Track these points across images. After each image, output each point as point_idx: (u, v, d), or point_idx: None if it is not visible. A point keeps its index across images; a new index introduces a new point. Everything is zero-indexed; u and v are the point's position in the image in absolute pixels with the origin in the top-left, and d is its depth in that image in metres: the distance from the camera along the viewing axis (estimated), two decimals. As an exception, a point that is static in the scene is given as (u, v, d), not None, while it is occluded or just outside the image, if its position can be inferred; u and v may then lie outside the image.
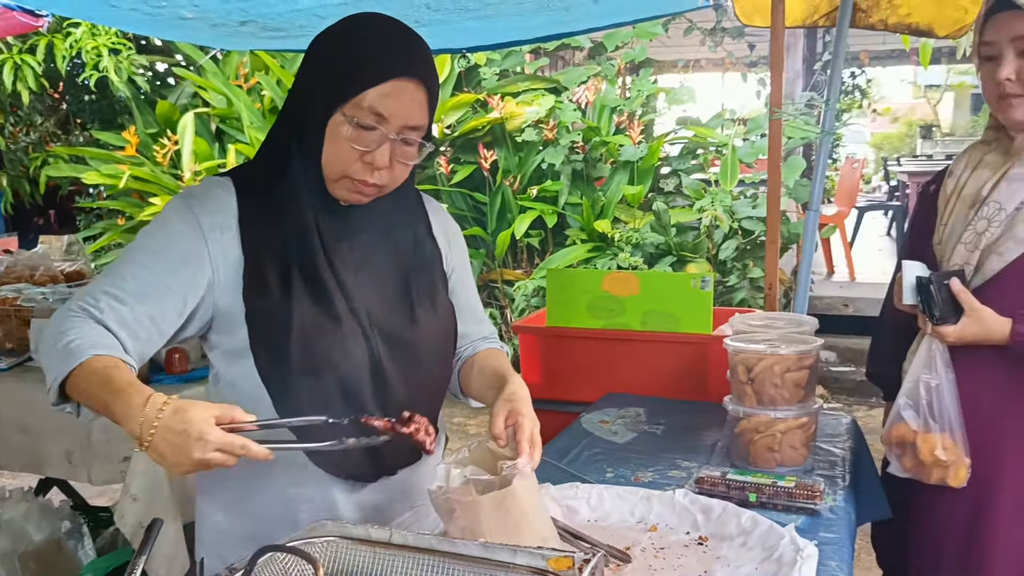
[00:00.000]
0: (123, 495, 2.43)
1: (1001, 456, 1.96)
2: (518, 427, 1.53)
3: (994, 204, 1.93)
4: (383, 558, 1.39)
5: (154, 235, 1.53)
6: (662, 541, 1.81)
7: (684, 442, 2.46)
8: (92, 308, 1.43)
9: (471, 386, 1.80)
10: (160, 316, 1.47)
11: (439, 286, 1.71)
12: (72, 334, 1.38)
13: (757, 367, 2.22)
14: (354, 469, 1.59)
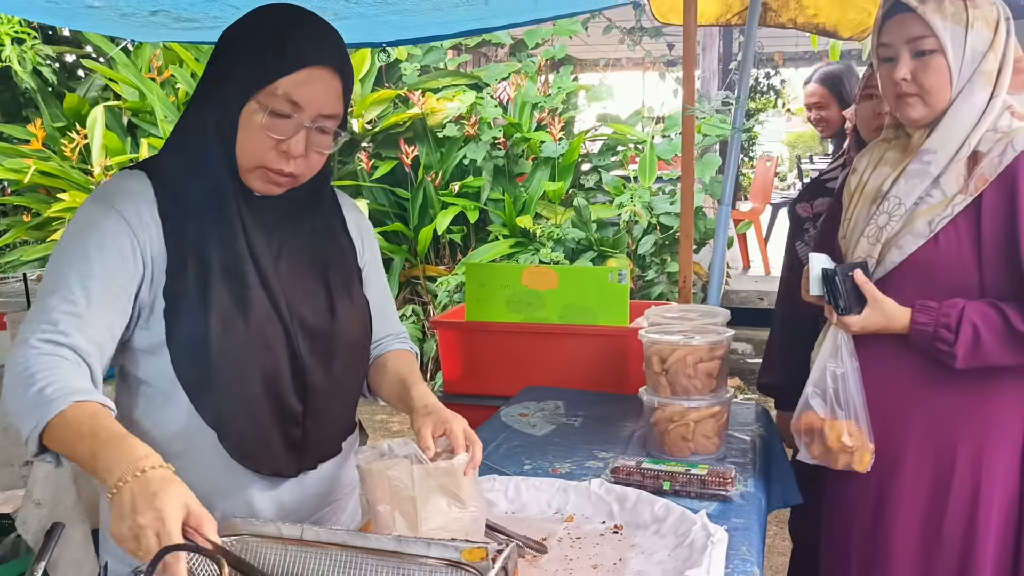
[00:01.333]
0: (25, 501, 2.35)
1: (902, 441, 2.03)
2: (450, 434, 1.53)
3: (894, 199, 2.00)
4: (295, 555, 1.37)
5: (83, 241, 1.45)
6: (578, 531, 1.82)
7: (602, 433, 2.49)
8: (55, 335, 1.35)
9: (381, 388, 1.78)
10: (114, 322, 1.43)
11: (355, 280, 1.70)
12: (43, 377, 1.29)
13: (671, 358, 2.26)
14: (276, 465, 1.56)
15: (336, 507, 1.72)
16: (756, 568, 1.72)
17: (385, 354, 1.79)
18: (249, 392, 1.50)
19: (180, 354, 1.48)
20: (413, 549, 1.33)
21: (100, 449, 1.22)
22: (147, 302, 1.48)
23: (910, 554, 2.07)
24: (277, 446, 1.55)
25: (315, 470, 1.62)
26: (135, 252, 1.46)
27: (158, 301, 1.48)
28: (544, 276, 3.06)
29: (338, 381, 1.63)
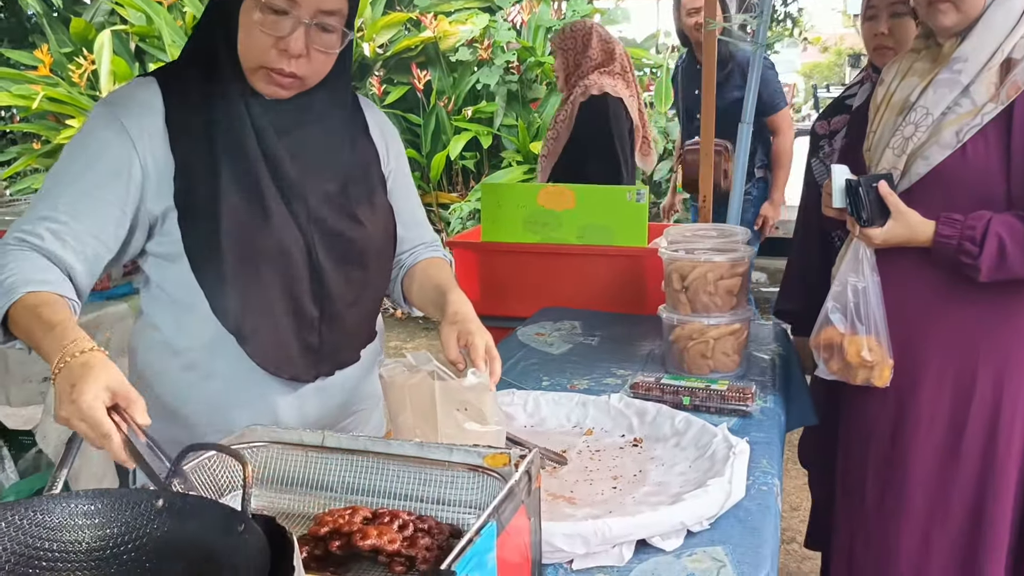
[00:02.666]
0: (44, 416, 2.36)
1: (922, 356, 2.01)
2: (470, 345, 1.51)
3: (921, 109, 1.94)
4: (316, 462, 1.37)
5: (81, 148, 1.45)
6: (598, 444, 1.82)
7: (619, 352, 2.47)
8: (31, 237, 1.36)
9: (413, 296, 1.77)
10: (101, 231, 1.41)
11: (377, 187, 1.66)
12: (8, 270, 1.32)
13: (691, 275, 2.23)
14: (294, 370, 1.55)
15: (359, 418, 1.71)
16: (776, 480, 1.71)
17: (419, 262, 1.76)
18: (268, 298, 1.49)
19: (198, 261, 1.46)
20: (435, 455, 1.32)
21: (42, 338, 1.24)
22: (158, 211, 1.46)
23: (927, 472, 2.07)
24: (295, 351, 1.54)
25: (333, 377, 1.61)
26: (132, 163, 1.43)
27: (170, 209, 1.46)
28: (561, 196, 3.01)
29: (357, 289, 1.61)
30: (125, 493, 1.06)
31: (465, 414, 1.52)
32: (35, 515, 1.02)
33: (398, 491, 1.33)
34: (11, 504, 1.02)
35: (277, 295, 1.50)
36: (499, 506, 1.13)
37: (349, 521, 1.21)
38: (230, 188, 1.45)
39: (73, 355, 1.19)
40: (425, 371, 1.54)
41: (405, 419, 1.52)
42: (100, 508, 1.04)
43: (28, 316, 1.27)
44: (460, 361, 1.52)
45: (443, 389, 1.50)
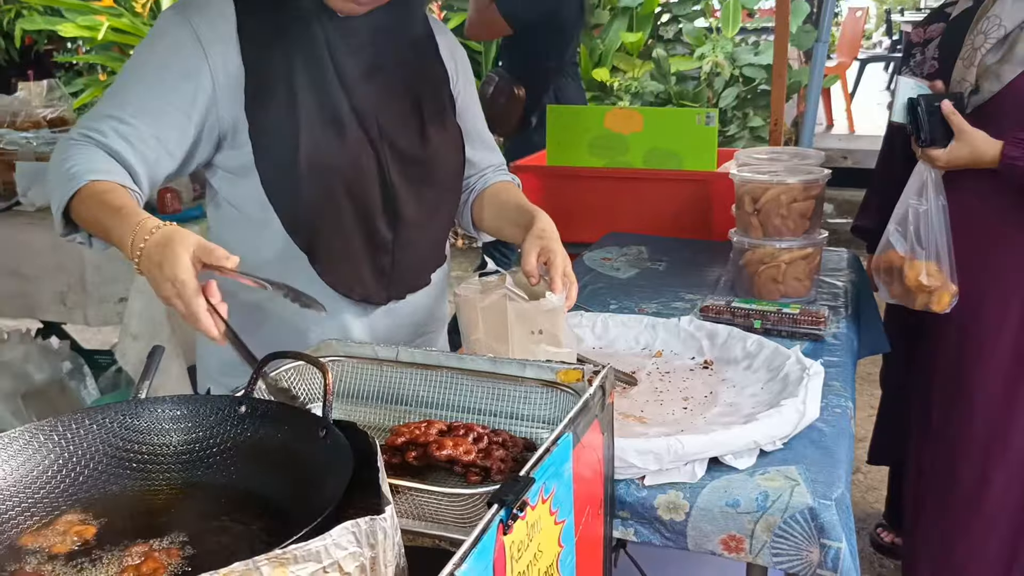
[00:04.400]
0: (123, 335, 2.42)
1: (986, 283, 1.95)
2: (550, 264, 1.50)
3: (994, 18, 1.86)
4: (391, 376, 1.38)
5: (151, 51, 1.43)
6: (667, 366, 1.81)
7: (686, 278, 2.44)
8: (95, 134, 1.36)
9: (484, 220, 1.75)
10: (165, 136, 1.40)
11: (447, 107, 1.64)
12: (72, 160, 1.32)
13: (763, 198, 2.18)
14: (366, 291, 1.56)
15: (426, 340, 1.72)
16: (850, 403, 1.69)
17: (490, 186, 1.75)
18: (340, 217, 1.49)
19: (269, 176, 1.46)
20: (508, 370, 1.32)
21: (110, 223, 1.24)
22: (228, 122, 1.45)
23: (992, 399, 2.02)
24: (366, 272, 1.54)
25: (404, 300, 1.61)
26: (201, 69, 1.41)
27: (240, 121, 1.44)
28: (628, 119, 2.95)
29: (429, 211, 1.60)
30: (209, 399, 1.08)
31: (539, 336, 1.52)
32: (125, 419, 1.05)
33: (471, 406, 1.34)
34: (103, 408, 1.05)
35: (349, 215, 1.49)
36: (574, 418, 1.13)
37: (425, 433, 1.22)
38: (303, 103, 1.44)
39: (147, 236, 1.18)
40: (499, 293, 1.54)
41: (478, 339, 1.52)
42: (186, 413, 1.07)
43: (93, 203, 1.27)
44: (535, 275, 1.51)
45: (517, 311, 1.50)
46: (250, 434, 1.04)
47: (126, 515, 0.98)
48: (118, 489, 1.02)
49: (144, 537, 0.92)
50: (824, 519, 1.30)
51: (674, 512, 1.35)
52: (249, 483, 1.01)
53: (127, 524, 0.96)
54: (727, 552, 1.35)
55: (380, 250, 1.54)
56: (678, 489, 1.36)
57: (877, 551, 2.87)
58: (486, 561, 0.85)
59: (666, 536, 1.37)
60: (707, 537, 1.35)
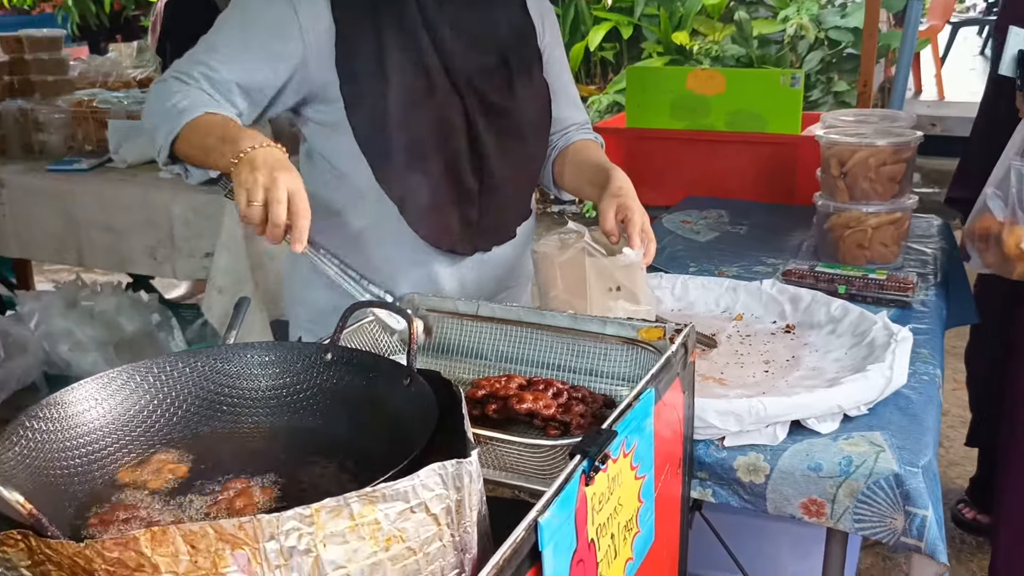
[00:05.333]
0: (209, 288, 2.49)
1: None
2: (628, 221, 1.49)
3: None
4: (471, 330, 1.39)
5: (244, 5, 1.48)
6: (748, 329, 1.78)
7: (768, 242, 2.40)
8: (186, 77, 1.41)
9: (565, 178, 1.74)
10: (252, 86, 1.44)
11: (534, 61, 1.64)
12: (179, 96, 1.37)
13: (851, 160, 2.12)
14: (453, 242, 1.57)
15: (511, 294, 1.73)
16: (938, 371, 1.64)
17: (572, 143, 1.74)
18: (428, 168, 1.50)
19: (360, 130, 1.48)
20: (588, 327, 1.32)
21: (226, 140, 1.26)
22: (318, 78, 1.47)
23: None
24: (454, 223, 1.56)
25: (491, 252, 1.62)
26: (291, 25, 1.44)
27: (331, 77, 1.47)
28: (711, 80, 2.89)
29: (515, 163, 1.60)
30: (296, 346, 1.11)
31: (617, 293, 1.51)
32: (216, 363, 1.08)
33: (550, 362, 1.34)
34: (195, 352, 1.08)
35: (437, 167, 1.51)
36: (657, 375, 1.12)
37: (505, 386, 1.22)
38: (392, 58, 1.45)
39: (257, 146, 1.20)
40: (577, 248, 1.53)
41: (556, 295, 1.52)
42: (274, 359, 1.09)
43: (205, 129, 1.31)
44: (615, 233, 1.50)
45: (594, 266, 1.49)
46: (335, 381, 1.06)
47: (216, 456, 1.00)
48: (209, 430, 1.05)
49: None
50: (910, 486, 1.27)
51: (754, 474, 1.34)
52: (334, 428, 1.03)
53: (217, 465, 0.98)
54: (807, 516, 1.33)
55: (467, 201, 1.56)
56: (758, 451, 1.35)
57: (958, 526, 2.80)
58: (568, 511, 0.85)
59: (745, 498, 1.36)
60: (787, 500, 1.33)
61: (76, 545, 0.68)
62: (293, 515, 0.67)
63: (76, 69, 3.61)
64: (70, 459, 0.95)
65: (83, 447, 0.97)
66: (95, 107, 3.09)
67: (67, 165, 2.90)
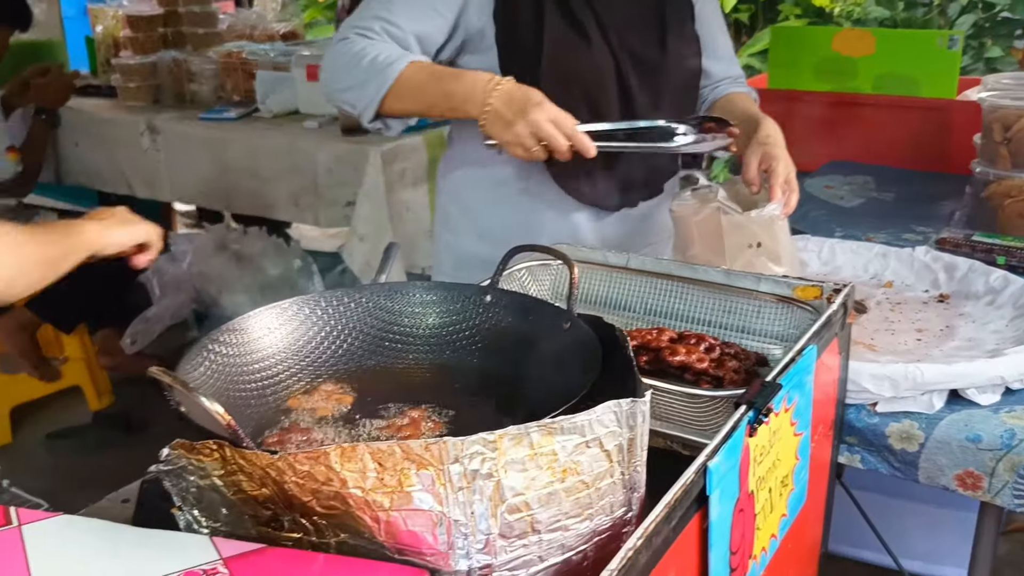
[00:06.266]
0: (350, 236, 2.56)
1: None
2: (772, 171, 1.46)
3: None
4: (620, 282, 1.39)
5: None
6: (898, 297, 1.72)
7: (918, 210, 2.30)
8: (367, 32, 1.43)
9: None
10: (426, 36, 1.46)
11: (687, 15, 1.61)
12: (372, 51, 1.39)
13: (1016, 125, 2.01)
14: (598, 197, 1.57)
15: (653, 250, 1.72)
16: (1109, 349, 1.55)
17: (724, 96, 1.71)
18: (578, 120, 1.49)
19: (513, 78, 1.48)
20: (742, 283, 1.30)
21: (450, 88, 1.28)
22: (475, 26, 1.48)
23: None
24: (600, 177, 1.55)
25: (636, 207, 1.62)
26: None
27: (488, 26, 1.47)
28: (860, 41, 2.77)
29: (664, 117, 1.58)
30: (457, 286, 1.13)
31: (757, 250, 1.48)
32: (380, 299, 1.11)
33: (699, 317, 1.33)
34: (361, 287, 1.12)
35: (588, 121, 1.50)
36: (818, 332, 1.10)
37: (657, 339, 1.22)
38: (548, 8, 1.45)
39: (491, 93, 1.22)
40: (712, 206, 1.50)
41: (695, 254, 1.50)
42: (435, 299, 1.12)
43: (418, 80, 1.33)
44: (755, 183, 1.47)
45: (731, 223, 1.46)
46: (495, 322, 1.08)
47: (379, 389, 1.04)
48: (372, 364, 1.08)
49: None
50: (1079, 465, 1.21)
51: (907, 442, 1.30)
52: (493, 368, 1.05)
53: (380, 398, 1.02)
54: (961, 489, 1.28)
55: (615, 159, 1.55)
56: (913, 419, 1.30)
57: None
58: (734, 459, 0.85)
59: (895, 466, 1.32)
60: (941, 471, 1.29)
61: (270, 456, 0.71)
62: (477, 440, 0.69)
63: (224, 22, 3.75)
64: (246, 383, 1.00)
65: (257, 372, 1.02)
66: (243, 58, 3.20)
67: (217, 114, 3.02)
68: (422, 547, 0.70)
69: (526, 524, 0.71)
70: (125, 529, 0.79)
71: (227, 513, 0.78)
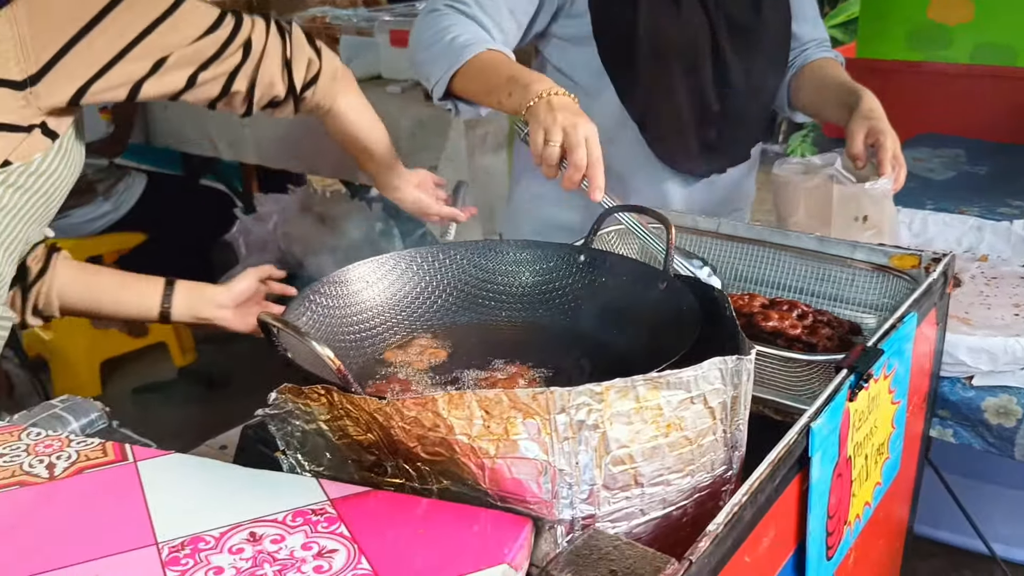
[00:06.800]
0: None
1: None
2: (879, 146, 1.42)
3: None
4: (710, 247, 1.38)
5: None
6: (994, 271, 1.67)
7: (1013, 184, 2.22)
8: (460, 4, 1.42)
9: (802, 97, 1.67)
10: (518, 8, 1.45)
11: None
12: (455, 31, 1.37)
13: (1125, 97, 1.93)
14: (689, 163, 1.56)
15: (736, 217, 1.70)
16: None
17: (811, 61, 1.67)
18: (673, 87, 1.48)
19: (607, 45, 1.47)
20: (836, 250, 1.28)
21: (515, 80, 1.25)
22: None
23: None
24: (692, 144, 1.54)
25: (724, 173, 1.60)
26: None
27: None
28: (957, 7, 2.68)
29: (756, 83, 1.56)
30: (551, 246, 1.13)
31: (863, 224, 1.45)
32: (474, 257, 1.12)
33: (790, 284, 1.31)
34: (455, 244, 1.13)
35: (682, 86, 1.49)
36: (919, 300, 1.08)
37: (749, 304, 1.21)
38: None
39: (552, 91, 1.20)
40: (824, 174, 1.48)
41: (797, 221, 1.48)
42: (528, 257, 1.12)
43: (488, 67, 1.32)
44: (862, 158, 1.43)
45: (842, 194, 1.43)
46: (588, 282, 1.08)
47: (473, 345, 1.05)
48: (466, 320, 1.10)
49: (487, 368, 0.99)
50: None
51: (1004, 417, 1.27)
52: (588, 327, 1.05)
53: (474, 353, 1.03)
54: (1059, 467, 1.25)
55: (708, 122, 1.53)
56: (1011, 393, 1.27)
57: None
58: (835, 422, 0.84)
59: (989, 442, 1.29)
60: (1038, 448, 1.26)
61: (378, 401, 0.73)
62: (585, 391, 0.69)
63: (309, -13, 3.78)
64: (345, 334, 1.02)
65: (356, 324, 1.04)
66: (327, 23, 3.23)
67: (301, 78, 3.05)
68: (526, 495, 0.71)
69: (629, 477, 0.72)
70: (234, 468, 0.82)
71: (330, 458, 0.80)
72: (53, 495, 0.77)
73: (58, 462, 0.81)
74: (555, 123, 1.13)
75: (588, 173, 1.16)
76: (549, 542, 0.72)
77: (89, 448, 0.84)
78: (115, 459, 0.82)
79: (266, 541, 0.70)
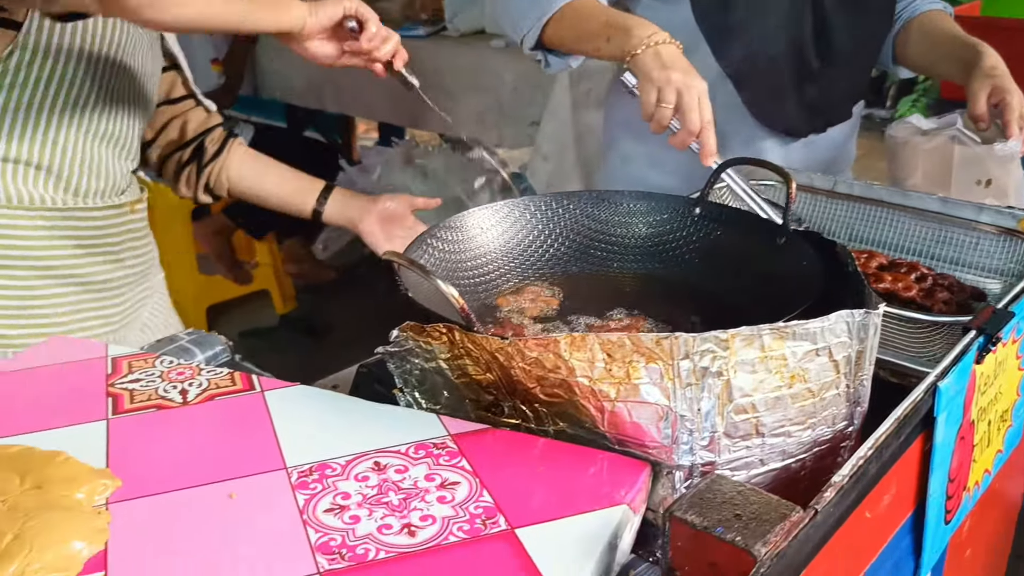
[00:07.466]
0: (534, 155, 2.58)
1: None
2: (1005, 106, 1.35)
3: None
4: (824, 207, 1.35)
5: None
6: None
7: None
8: None
9: (910, 53, 1.60)
10: None
11: None
12: None
13: None
14: (788, 123, 1.51)
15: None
16: None
17: (920, 15, 1.59)
18: (771, 45, 1.43)
19: (702, 2, 1.42)
20: (960, 212, 1.24)
21: (614, 26, 1.23)
22: None
23: None
24: (791, 103, 1.48)
25: (824, 133, 1.54)
26: None
27: None
28: (1096, -36, 2.53)
29: (860, 40, 1.49)
30: (665, 197, 1.12)
31: (985, 188, 1.39)
32: (588, 207, 1.12)
33: (911, 247, 1.27)
34: (569, 194, 1.13)
35: (781, 44, 1.43)
36: (1053, 265, 1.04)
37: (865, 264, 1.18)
38: None
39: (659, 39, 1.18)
40: (945, 135, 1.42)
41: (915, 184, 1.43)
42: (643, 208, 1.12)
43: (583, 12, 1.30)
44: (985, 119, 1.37)
45: (964, 156, 1.38)
46: (703, 235, 1.07)
47: (584, 294, 1.06)
48: (578, 270, 1.10)
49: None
50: None
51: None
52: (702, 280, 1.04)
53: (585, 303, 1.03)
54: None
55: (807, 81, 1.48)
56: None
57: None
58: (962, 383, 0.82)
59: (1116, 417, 1.24)
60: None
61: (500, 341, 0.74)
62: (710, 337, 0.69)
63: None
64: (461, 278, 1.04)
65: (471, 269, 1.06)
66: (432, -22, 3.24)
67: (406, 31, 3.07)
68: (645, 440, 0.72)
69: (751, 426, 0.72)
70: (357, 401, 0.84)
71: (448, 396, 0.82)
72: (187, 419, 0.81)
73: (190, 388, 0.85)
74: (669, 83, 1.12)
75: (700, 137, 1.15)
76: (667, 487, 0.72)
77: (219, 377, 0.87)
78: (243, 388, 0.86)
79: (390, 471, 0.72)
